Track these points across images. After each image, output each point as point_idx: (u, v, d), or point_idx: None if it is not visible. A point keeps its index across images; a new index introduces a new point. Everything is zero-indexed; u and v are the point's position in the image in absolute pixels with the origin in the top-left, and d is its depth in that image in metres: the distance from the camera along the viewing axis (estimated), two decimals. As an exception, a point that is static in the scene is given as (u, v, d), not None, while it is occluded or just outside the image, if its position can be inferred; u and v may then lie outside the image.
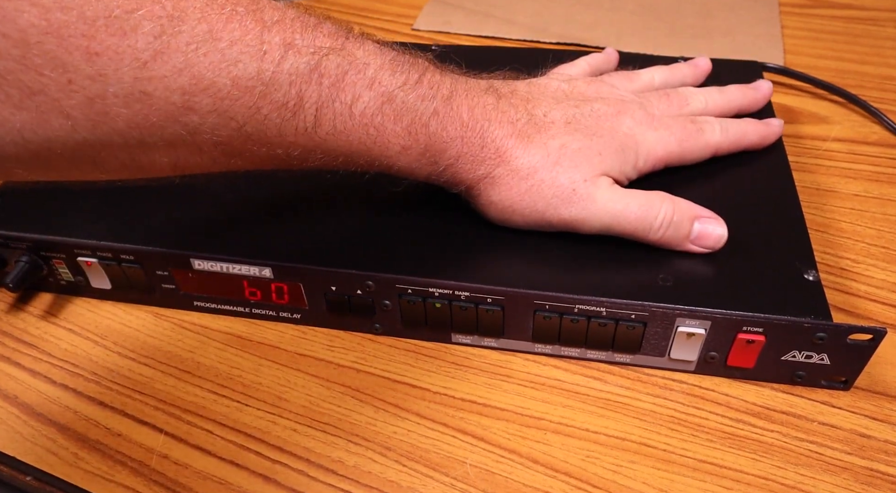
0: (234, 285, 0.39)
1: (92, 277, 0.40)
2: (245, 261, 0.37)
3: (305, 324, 0.40)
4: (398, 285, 0.36)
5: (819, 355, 0.35)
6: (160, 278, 0.40)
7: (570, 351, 0.38)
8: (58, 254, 0.40)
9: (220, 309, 0.41)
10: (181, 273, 0.39)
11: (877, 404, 0.36)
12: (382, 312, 0.38)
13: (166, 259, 0.38)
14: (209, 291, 0.40)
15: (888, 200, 0.47)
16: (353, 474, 0.34)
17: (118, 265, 0.39)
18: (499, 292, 0.35)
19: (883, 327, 0.33)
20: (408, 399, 0.37)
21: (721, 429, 0.35)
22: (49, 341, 0.40)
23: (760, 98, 0.46)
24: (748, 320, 0.34)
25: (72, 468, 0.34)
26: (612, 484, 0.33)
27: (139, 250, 0.38)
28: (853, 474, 0.33)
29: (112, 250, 0.39)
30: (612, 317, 0.35)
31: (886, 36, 0.64)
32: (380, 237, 0.38)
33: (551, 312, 0.35)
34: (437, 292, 0.36)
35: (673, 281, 0.35)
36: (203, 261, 0.38)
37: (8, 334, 0.40)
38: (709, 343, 0.35)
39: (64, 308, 0.41)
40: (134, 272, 0.39)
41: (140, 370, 0.38)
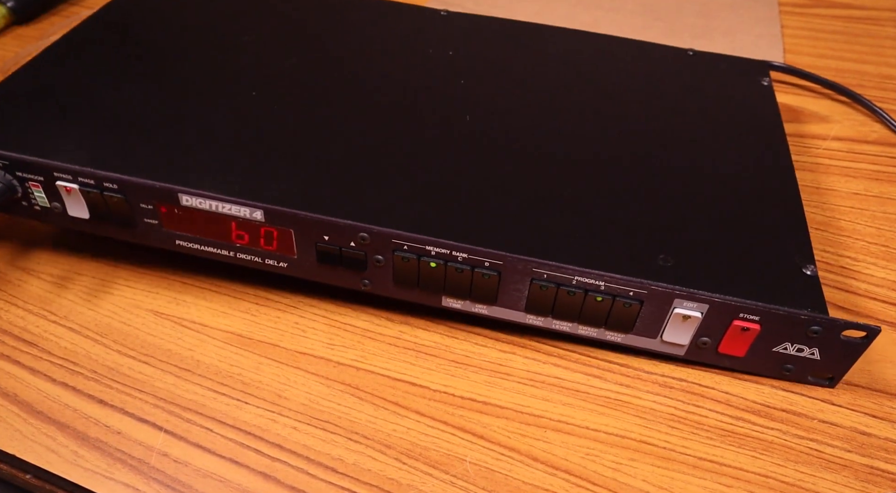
0: (222, 225, 0.37)
1: (70, 204, 0.38)
2: (236, 201, 0.36)
3: (290, 273, 0.39)
4: (394, 240, 0.35)
5: (810, 349, 0.35)
6: (143, 212, 0.38)
7: (561, 325, 0.37)
8: (36, 176, 0.37)
9: (202, 251, 0.39)
10: (167, 208, 0.37)
11: (876, 402, 0.36)
12: (374, 267, 0.37)
13: (153, 192, 0.36)
14: (194, 230, 0.38)
15: (888, 198, 0.47)
16: (352, 472, 0.34)
17: (100, 194, 0.37)
18: (497, 257, 0.35)
19: (877, 326, 0.33)
20: (407, 397, 0.37)
21: (721, 427, 0.35)
22: (49, 340, 0.40)
23: None
24: (745, 307, 0.34)
25: (71, 465, 0.34)
26: (612, 482, 0.33)
27: (125, 180, 0.36)
28: (853, 471, 0.33)
29: (95, 178, 0.37)
30: (610, 292, 0.35)
31: (886, 35, 0.64)
32: (381, 188, 0.37)
33: (549, 281, 0.35)
34: (433, 251, 0.35)
35: (673, 262, 0.35)
36: (192, 197, 0.36)
37: (8, 332, 0.40)
38: (703, 328, 0.35)
39: (64, 307, 0.41)
40: (116, 203, 0.37)
41: (140, 368, 0.38)
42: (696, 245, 0.36)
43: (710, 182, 0.40)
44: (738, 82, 0.49)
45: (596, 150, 0.42)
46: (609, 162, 0.41)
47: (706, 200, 0.39)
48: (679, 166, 0.41)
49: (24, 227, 0.46)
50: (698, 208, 0.38)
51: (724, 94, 0.48)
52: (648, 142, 0.43)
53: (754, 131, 0.45)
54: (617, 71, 0.50)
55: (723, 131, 0.44)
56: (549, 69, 0.49)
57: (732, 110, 0.47)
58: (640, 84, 0.49)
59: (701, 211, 0.38)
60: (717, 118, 0.46)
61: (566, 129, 0.43)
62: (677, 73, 0.50)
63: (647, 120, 0.45)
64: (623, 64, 0.51)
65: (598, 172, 0.40)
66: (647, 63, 0.51)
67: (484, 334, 0.39)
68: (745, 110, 0.46)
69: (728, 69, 0.50)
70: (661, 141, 0.43)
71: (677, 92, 0.48)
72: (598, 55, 0.51)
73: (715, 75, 0.49)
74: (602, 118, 0.45)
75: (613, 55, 0.51)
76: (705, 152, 0.42)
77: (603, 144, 0.42)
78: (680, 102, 0.47)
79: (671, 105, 0.46)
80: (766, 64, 0.52)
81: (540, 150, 0.41)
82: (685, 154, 0.42)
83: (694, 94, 0.48)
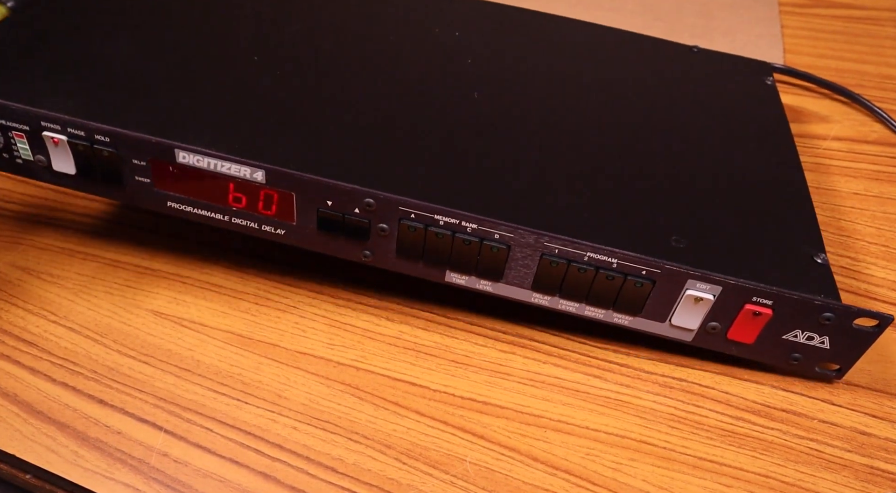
0: (219, 186, 0.35)
1: (55, 157, 0.36)
2: (237, 160, 0.34)
3: (287, 241, 0.37)
4: (402, 207, 0.34)
5: (821, 337, 0.34)
6: (135, 169, 0.36)
7: (567, 305, 0.36)
8: (20, 125, 0.35)
9: (194, 214, 0.37)
10: (161, 165, 0.35)
11: (877, 402, 0.36)
12: (377, 237, 0.35)
13: (148, 147, 0.34)
14: (188, 191, 0.36)
15: (888, 198, 0.47)
16: (352, 471, 0.34)
17: (90, 147, 0.35)
18: (508, 229, 0.34)
19: (890, 315, 0.33)
20: (407, 397, 0.37)
21: (721, 427, 0.35)
22: (49, 340, 0.40)
23: None
24: (759, 291, 0.33)
25: (71, 465, 0.34)
26: (613, 482, 0.33)
27: (118, 133, 0.34)
28: (853, 471, 0.33)
29: (87, 129, 0.34)
30: (622, 270, 0.34)
31: (886, 35, 0.64)
32: (389, 155, 0.36)
33: (560, 257, 0.34)
34: (442, 221, 0.34)
35: (685, 244, 0.34)
36: (189, 154, 0.34)
37: (7, 332, 0.40)
38: (714, 312, 0.35)
39: (64, 307, 0.41)
40: (107, 158, 0.35)
41: (140, 368, 0.38)
42: (708, 229, 0.36)
43: (720, 172, 0.40)
44: (743, 80, 0.50)
45: (607, 133, 0.42)
46: (618, 145, 0.41)
47: (717, 189, 0.39)
48: (689, 154, 0.41)
49: (25, 227, 0.46)
50: (710, 196, 0.38)
51: (730, 90, 0.49)
52: (658, 129, 0.43)
53: (761, 127, 0.45)
54: (624, 61, 0.50)
55: (730, 125, 0.45)
56: (557, 56, 0.49)
57: (739, 106, 0.47)
58: (648, 75, 0.49)
59: (712, 198, 0.38)
60: (724, 112, 0.46)
61: (576, 112, 0.43)
62: (683, 68, 0.50)
63: (656, 109, 0.45)
64: (630, 55, 0.51)
65: (609, 154, 0.40)
66: (653, 56, 0.51)
67: (484, 334, 0.39)
68: (751, 107, 0.47)
69: (731, 68, 0.51)
70: (670, 129, 0.43)
71: (684, 85, 0.48)
72: (605, 45, 0.52)
73: (719, 72, 0.50)
74: (612, 104, 0.45)
75: (620, 46, 0.52)
76: (714, 143, 0.43)
77: (614, 127, 0.42)
78: (687, 94, 0.47)
79: (679, 97, 0.47)
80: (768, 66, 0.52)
81: (549, 128, 0.41)
82: (695, 143, 0.42)
83: (701, 88, 0.48)
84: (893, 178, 0.49)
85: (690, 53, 0.52)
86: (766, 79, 0.50)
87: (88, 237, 0.45)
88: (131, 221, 0.46)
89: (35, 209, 0.47)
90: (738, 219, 0.37)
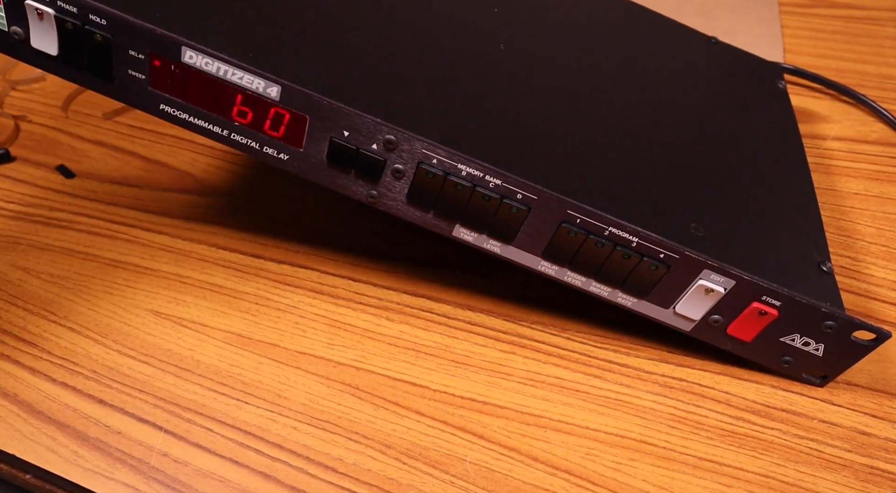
0: (225, 96, 0.32)
1: (36, 32, 0.32)
2: (253, 70, 0.31)
3: (289, 168, 0.34)
4: (425, 150, 0.32)
5: (817, 344, 0.35)
6: (130, 61, 0.32)
7: (574, 278, 0.35)
8: None
9: (189, 122, 0.33)
10: (162, 62, 0.31)
11: (877, 402, 0.36)
12: (391, 178, 0.33)
13: (151, 39, 0.31)
14: (187, 96, 0.32)
15: (888, 198, 0.47)
16: (352, 471, 0.34)
17: (81, 27, 0.31)
18: (534, 190, 0.32)
19: (887, 331, 0.33)
20: (407, 397, 0.37)
21: (721, 427, 0.35)
22: (49, 339, 0.40)
23: None
24: (771, 291, 0.33)
25: (71, 465, 0.34)
26: (613, 482, 0.33)
27: (119, 17, 0.30)
28: (853, 471, 0.33)
29: (80, 5, 0.30)
30: (640, 251, 0.33)
31: (886, 35, 0.64)
32: (417, 94, 0.33)
33: (580, 228, 0.33)
34: (465, 171, 0.32)
35: (704, 233, 0.34)
36: (199, 54, 0.30)
37: (7, 332, 0.40)
38: (720, 305, 0.34)
39: (64, 307, 0.41)
40: (98, 43, 0.31)
41: (139, 368, 0.38)
42: (724, 222, 0.36)
43: (735, 169, 0.40)
44: (756, 81, 0.50)
45: (634, 111, 0.42)
46: (644, 124, 0.41)
47: (732, 184, 0.39)
48: (706, 146, 0.41)
49: (25, 227, 0.46)
50: (725, 190, 0.38)
51: (745, 89, 0.49)
52: (677, 115, 0.43)
53: (774, 132, 0.45)
54: (647, 37, 0.50)
55: (746, 126, 0.45)
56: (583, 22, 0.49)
57: (754, 107, 0.47)
58: (672, 60, 0.49)
59: (728, 193, 0.38)
60: (740, 110, 0.46)
61: (602, 85, 0.43)
62: (702, 58, 0.50)
63: (679, 96, 0.45)
64: (652, 33, 0.51)
65: (635, 132, 0.39)
66: (674, 38, 0.51)
67: (484, 334, 0.39)
68: (765, 108, 0.47)
69: (746, 66, 0.51)
70: (689, 118, 0.43)
71: (704, 76, 0.49)
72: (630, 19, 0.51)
73: (735, 69, 0.50)
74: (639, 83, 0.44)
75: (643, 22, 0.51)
76: (730, 141, 0.42)
77: (640, 107, 0.42)
78: (707, 87, 0.48)
79: (699, 87, 0.47)
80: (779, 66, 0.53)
81: (578, 95, 0.40)
82: (711, 136, 0.42)
83: (719, 82, 0.48)
84: (894, 178, 0.49)
85: (709, 44, 0.52)
86: (778, 82, 0.50)
87: (89, 237, 0.45)
88: (131, 220, 0.46)
89: (35, 209, 0.47)
90: (752, 217, 0.37)
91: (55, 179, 0.49)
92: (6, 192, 0.49)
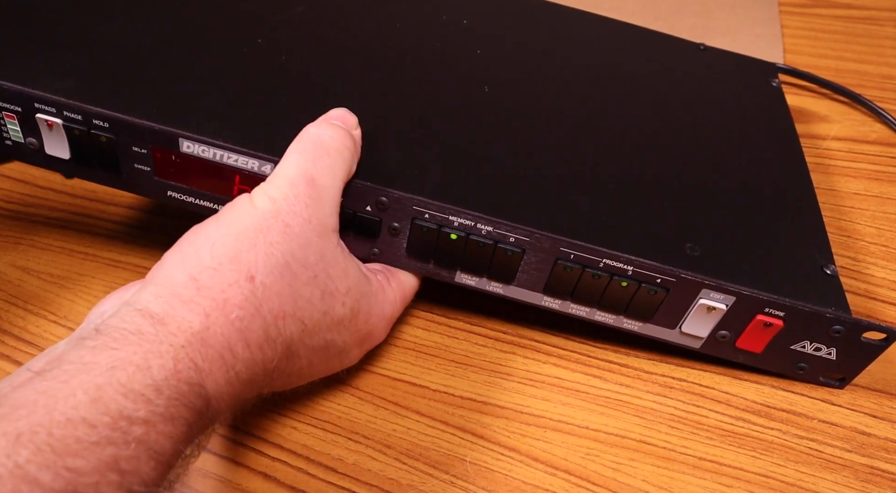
0: (224, 178, 0.34)
1: (48, 141, 0.34)
2: (245, 151, 0.33)
3: None
4: (416, 206, 0.33)
5: (828, 348, 0.34)
6: (135, 157, 0.34)
7: (578, 309, 0.36)
8: (12, 106, 0.34)
9: (196, 205, 0.35)
10: (163, 154, 0.33)
11: (877, 402, 0.36)
12: (388, 235, 0.35)
13: (150, 135, 0.33)
14: (190, 181, 0.34)
15: (888, 198, 0.47)
16: (352, 471, 0.34)
17: (87, 132, 0.33)
18: (525, 232, 0.33)
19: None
20: (407, 397, 0.37)
21: (721, 427, 0.35)
22: (49, 340, 0.40)
23: None
24: (772, 303, 0.33)
25: (71, 465, 0.34)
26: (613, 482, 0.33)
27: (119, 119, 0.33)
28: (853, 471, 0.33)
29: (84, 113, 0.33)
30: (637, 278, 0.34)
31: (886, 35, 0.64)
32: (403, 152, 0.35)
33: (574, 263, 0.34)
34: (456, 222, 0.33)
35: (700, 252, 0.34)
36: (194, 143, 0.33)
37: (7, 332, 0.40)
38: (725, 321, 0.34)
39: (64, 307, 0.41)
40: (105, 144, 0.34)
41: (140, 368, 0.38)
42: (720, 237, 0.36)
43: (730, 177, 0.40)
44: (749, 82, 0.50)
45: (618, 133, 0.41)
46: (630, 147, 0.40)
47: (727, 194, 0.39)
48: (699, 158, 0.41)
49: (26, 227, 0.46)
50: (719, 202, 0.38)
51: (737, 91, 0.48)
52: (668, 131, 0.43)
53: (769, 131, 0.45)
54: (634, 56, 0.50)
55: (739, 128, 0.45)
56: (564, 49, 0.49)
57: (747, 109, 0.47)
58: (656, 73, 0.48)
59: (722, 205, 0.38)
60: (733, 115, 0.46)
61: (587, 111, 0.43)
62: (691, 66, 0.50)
63: (665, 109, 0.45)
64: (639, 50, 0.50)
65: (622, 156, 0.40)
66: (661, 52, 0.51)
67: (484, 334, 0.39)
68: (759, 110, 0.47)
69: (738, 68, 0.51)
70: (680, 131, 0.43)
71: (693, 85, 0.48)
72: (613, 38, 0.51)
73: (726, 72, 0.50)
74: (623, 103, 0.44)
75: (628, 40, 0.51)
76: (724, 147, 0.42)
77: (626, 128, 0.42)
78: (696, 95, 0.47)
79: (688, 97, 0.47)
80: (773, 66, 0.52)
81: (562, 128, 0.41)
82: (705, 147, 0.42)
83: (709, 89, 0.48)
84: (893, 178, 0.49)
85: (698, 51, 0.52)
86: (771, 80, 0.50)
87: (89, 237, 0.45)
88: (132, 221, 0.46)
89: (35, 209, 0.47)
90: (749, 226, 0.37)
91: (55, 179, 0.49)
92: (6, 192, 0.49)
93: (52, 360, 0.24)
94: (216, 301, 0.26)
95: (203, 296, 0.26)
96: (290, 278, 0.29)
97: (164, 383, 0.24)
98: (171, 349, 0.24)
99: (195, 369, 0.25)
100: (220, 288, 0.27)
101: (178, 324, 0.25)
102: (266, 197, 0.29)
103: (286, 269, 0.29)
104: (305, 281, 0.29)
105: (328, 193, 0.31)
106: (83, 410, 0.22)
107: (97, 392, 0.22)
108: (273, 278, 0.28)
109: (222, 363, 0.26)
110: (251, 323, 0.27)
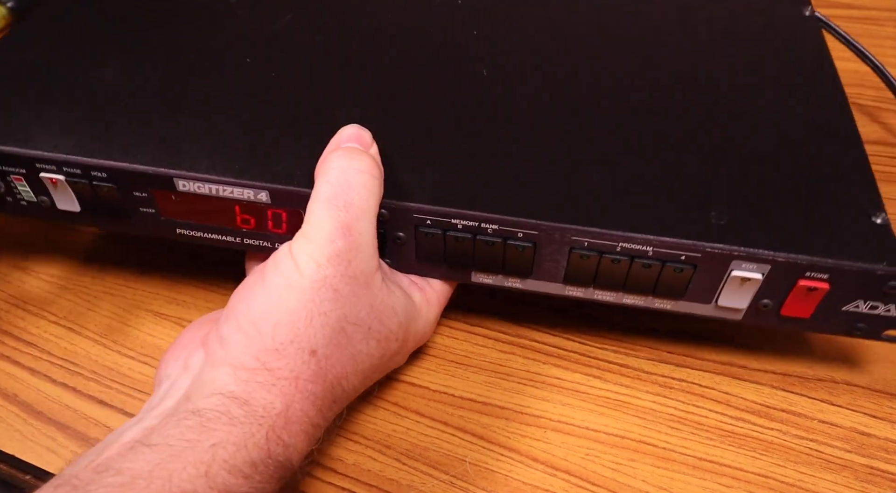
0: (225, 210, 0.34)
1: (58, 197, 0.36)
2: (238, 182, 0.33)
3: None
4: (415, 215, 0.32)
5: (886, 305, 0.31)
6: (138, 201, 0.35)
7: (604, 295, 0.34)
8: (16, 169, 0.35)
9: (206, 238, 0.36)
10: (163, 195, 0.34)
11: (876, 403, 0.36)
12: (395, 245, 0.34)
13: (146, 178, 0.34)
14: (195, 217, 0.35)
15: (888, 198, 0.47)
16: (352, 472, 0.34)
17: (89, 184, 0.34)
18: (531, 226, 0.32)
19: None
20: (407, 397, 0.37)
21: (721, 427, 0.35)
22: (49, 340, 0.40)
23: None
24: (813, 265, 0.30)
25: (71, 466, 0.34)
26: (612, 482, 0.33)
27: (114, 167, 0.33)
28: (853, 471, 0.33)
29: (81, 166, 0.34)
30: (659, 257, 0.31)
31: (886, 35, 0.64)
32: (395, 160, 0.34)
33: (590, 250, 0.32)
34: (460, 224, 0.32)
35: (727, 219, 0.31)
36: (189, 182, 0.33)
37: (7, 332, 0.40)
38: (763, 290, 0.32)
39: (64, 307, 0.41)
40: (107, 193, 0.34)
41: (139, 369, 0.38)
42: (751, 198, 0.33)
43: (760, 126, 0.37)
44: (779, 14, 0.45)
45: (628, 96, 0.38)
46: (644, 109, 0.37)
47: (757, 148, 0.35)
48: (722, 110, 0.38)
49: (25, 228, 0.46)
50: (749, 157, 0.35)
51: (765, 26, 0.44)
52: (687, 84, 0.39)
53: (803, 68, 0.41)
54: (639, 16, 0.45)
55: (765, 66, 0.41)
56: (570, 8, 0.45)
57: (776, 44, 0.43)
58: (673, 16, 0.44)
59: (752, 160, 0.35)
60: (761, 53, 0.42)
61: (592, 73, 0.40)
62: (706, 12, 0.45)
63: (684, 58, 0.41)
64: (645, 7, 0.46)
65: (633, 122, 0.37)
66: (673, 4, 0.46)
67: (484, 334, 0.39)
68: (790, 44, 0.42)
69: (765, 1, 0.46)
70: (700, 82, 0.39)
71: (714, 27, 0.44)
72: None
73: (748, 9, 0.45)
74: (632, 58, 0.41)
75: None
76: (751, 93, 0.39)
77: (635, 89, 0.39)
78: (718, 37, 0.43)
79: (709, 41, 0.43)
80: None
81: (566, 102, 0.38)
82: (728, 96, 0.38)
83: (731, 26, 0.44)
84: (894, 178, 0.49)
85: None
86: (804, 9, 0.45)
87: (89, 239, 0.45)
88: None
89: (35, 209, 0.47)
90: (783, 181, 0.33)
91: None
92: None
93: (146, 430, 0.27)
94: (289, 380, 0.28)
95: (277, 377, 0.28)
96: (346, 340, 0.30)
97: (260, 460, 0.26)
98: (261, 429, 0.27)
99: (283, 445, 0.27)
100: (290, 368, 0.28)
101: (263, 406, 0.27)
102: (311, 261, 0.29)
103: (342, 334, 0.30)
104: (361, 338, 0.31)
105: (365, 239, 0.30)
106: (196, 483, 0.25)
107: (205, 468, 0.25)
108: (332, 347, 0.29)
109: (305, 436, 0.29)
110: (321, 391, 0.29)
